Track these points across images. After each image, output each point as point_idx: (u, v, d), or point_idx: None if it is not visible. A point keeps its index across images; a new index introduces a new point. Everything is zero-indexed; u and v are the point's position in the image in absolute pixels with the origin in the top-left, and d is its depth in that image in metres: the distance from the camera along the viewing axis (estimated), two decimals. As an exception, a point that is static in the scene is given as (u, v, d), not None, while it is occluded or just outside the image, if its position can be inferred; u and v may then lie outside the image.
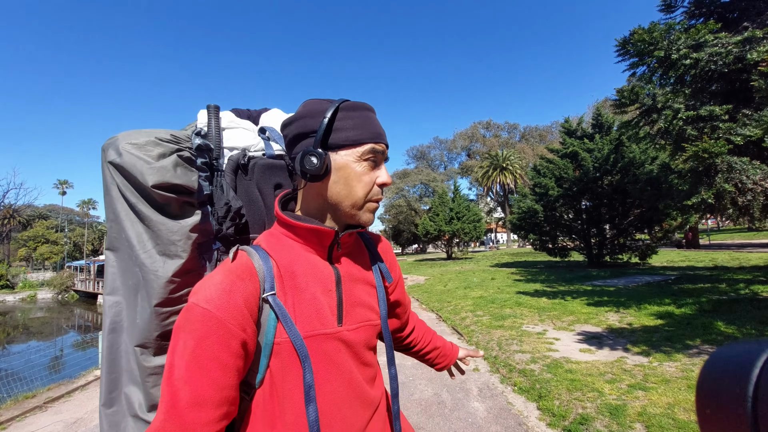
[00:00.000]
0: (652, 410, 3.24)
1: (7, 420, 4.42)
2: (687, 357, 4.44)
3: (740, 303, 6.69)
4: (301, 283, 0.73)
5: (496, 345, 5.66)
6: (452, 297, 10.47)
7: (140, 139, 0.77)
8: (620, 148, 14.55)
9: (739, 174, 6.24)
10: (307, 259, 0.76)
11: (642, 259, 15.04)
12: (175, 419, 0.60)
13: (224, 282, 0.66)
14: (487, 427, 3.41)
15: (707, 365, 0.33)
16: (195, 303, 0.64)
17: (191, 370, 0.61)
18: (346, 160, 0.74)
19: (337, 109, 0.74)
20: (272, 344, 0.69)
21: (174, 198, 0.78)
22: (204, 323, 0.62)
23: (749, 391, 0.27)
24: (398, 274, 0.98)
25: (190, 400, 0.60)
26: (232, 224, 0.83)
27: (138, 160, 0.75)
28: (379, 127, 0.77)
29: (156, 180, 0.74)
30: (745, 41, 6.31)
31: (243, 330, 0.65)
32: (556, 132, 50.25)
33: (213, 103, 0.92)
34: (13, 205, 47.86)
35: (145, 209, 0.77)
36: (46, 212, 63.74)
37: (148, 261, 0.76)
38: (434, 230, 28.32)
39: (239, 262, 0.71)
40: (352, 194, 0.75)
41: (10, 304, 32.95)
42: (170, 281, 0.76)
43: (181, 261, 0.77)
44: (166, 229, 0.77)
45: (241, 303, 0.65)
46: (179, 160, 0.79)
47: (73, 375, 6.36)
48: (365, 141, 0.74)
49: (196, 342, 0.61)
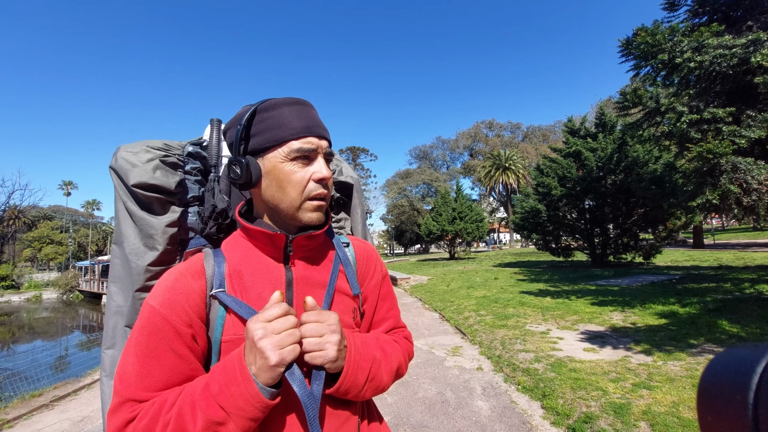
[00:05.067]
0: (657, 409, 3.23)
1: (14, 418, 4.47)
2: (691, 356, 4.43)
3: (745, 302, 6.65)
4: (247, 282, 0.73)
5: (500, 344, 5.66)
6: (455, 297, 10.46)
7: (135, 147, 0.93)
8: (624, 147, 14.49)
9: (744, 174, 6.22)
10: (258, 260, 0.75)
11: (646, 259, 14.96)
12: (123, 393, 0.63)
13: (168, 281, 0.70)
14: (491, 425, 3.41)
15: (707, 372, 0.33)
16: (146, 301, 0.69)
17: (141, 360, 0.64)
18: (273, 163, 0.72)
19: (254, 112, 0.73)
20: (220, 342, 0.69)
21: (155, 197, 0.91)
22: (151, 319, 0.66)
23: (750, 398, 0.27)
24: (372, 287, 0.88)
25: (137, 381, 0.64)
26: (215, 224, 0.88)
27: (126, 163, 0.90)
28: (302, 120, 0.73)
29: (136, 180, 0.88)
30: (749, 43, 6.28)
31: (188, 326, 0.67)
32: (558, 131, 50.14)
33: (216, 117, 1.04)
34: (18, 206, 48.21)
35: (132, 206, 0.91)
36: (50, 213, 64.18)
37: (132, 252, 0.91)
38: (437, 230, 28.30)
39: (189, 262, 0.75)
40: (286, 196, 0.72)
41: (16, 304, 33.21)
42: (146, 270, 0.90)
43: (157, 253, 0.91)
44: (146, 224, 0.90)
45: (182, 299, 0.68)
46: (160, 164, 0.93)
47: (79, 374, 6.41)
48: (287, 138, 0.71)
49: (146, 337, 0.65)
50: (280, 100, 0.74)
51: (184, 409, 0.59)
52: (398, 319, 0.95)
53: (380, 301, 0.91)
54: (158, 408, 0.61)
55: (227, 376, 0.61)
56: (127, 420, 0.61)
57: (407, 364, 0.89)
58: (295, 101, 0.75)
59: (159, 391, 0.64)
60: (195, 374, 0.68)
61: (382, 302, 0.91)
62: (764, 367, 0.28)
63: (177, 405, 0.60)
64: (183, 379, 0.66)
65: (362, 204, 1.24)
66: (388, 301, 0.93)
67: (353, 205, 1.20)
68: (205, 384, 0.62)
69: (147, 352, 0.64)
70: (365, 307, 0.88)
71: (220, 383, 0.61)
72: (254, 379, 0.60)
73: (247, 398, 0.59)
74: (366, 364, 0.73)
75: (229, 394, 0.59)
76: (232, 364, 0.62)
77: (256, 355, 0.60)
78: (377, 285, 0.90)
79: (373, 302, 0.89)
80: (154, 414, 0.60)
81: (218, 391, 0.60)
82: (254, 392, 0.59)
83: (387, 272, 0.96)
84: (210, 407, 0.59)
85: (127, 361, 0.65)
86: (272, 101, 0.74)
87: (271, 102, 0.74)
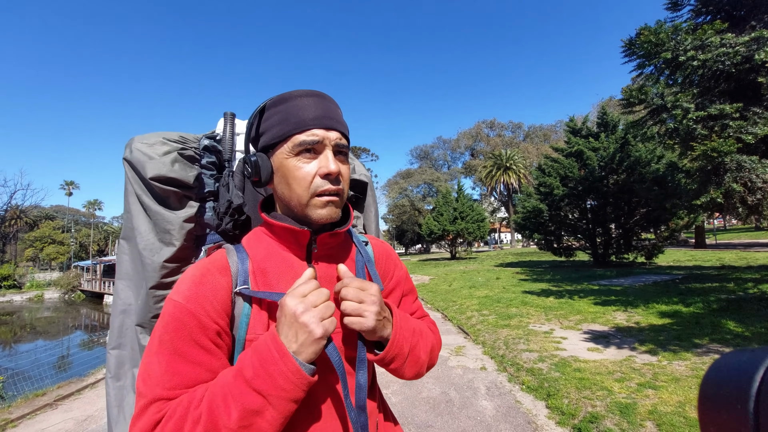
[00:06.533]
0: (663, 409, 3.22)
1: (18, 418, 4.47)
2: (696, 356, 4.41)
3: (749, 302, 6.63)
4: (272, 280, 0.71)
5: (503, 344, 5.65)
6: (457, 296, 10.45)
7: (151, 139, 0.90)
8: (626, 146, 14.46)
9: (749, 173, 6.20)
10: (282, 258, 0.73)
11: (648, 259, 14.93)
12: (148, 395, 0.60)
13: (195, 276, 0.68)
14: (496, 425, 3.40)
15: (706, 380, 0.33)
16: (170, 297, 0.66)
17: (167, 358, 0.61)
18: (281, 159, 0.70)
19: (263, 108, 0.72)
20: (244, 341, 0.67)
21: (173, 191, 0.89)
22: (175, 315, 0.63)
23: (751, 404, 0.28)
24: (395, 284, 0.88)
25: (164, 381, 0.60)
26: (231, 220, 0.87)
27: (143, 155, 0.87)
28: (308, 113, 0.69)
29: (154, 173, 0.86)
30: (753, 41, 6.26)
31: (215, 322, 0.65)
32: (560, 131, 50.13)
33: (229, 111, 1.00)
34: (20, 206, 48.38)
35: (147, 200, 0.88)
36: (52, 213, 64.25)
37: (146, 248, 0.88)
38: (438, 230, 28.30)
39: (213, 257, 0.72)
40: (293, 192, 0.70)
41: (18, 304, 33.24)
42: (162, 266, 0.88)
43: (174, 249, 0.88)
44: (162, 219, 0.88)
45: (210, 295, 0.65)
46: (179, 156, 0.91)
47: (82, 373, 6.41)
48: (290, 133, 0.69)
49: (171, 334, 0.62)
50: (291, 93, 0.72)
51: (215, 402, 0.56)
52: (423, 311, 0.95)
53: (405, 296, 0.90)
54: (187, 404, 0.57)
55: (262, 357, 0.58)
56: (154, 422, 0.58)
57: (439, 349, 0.87)
58: (307, 93, 0.72)
59: (187, 389, 0.61)
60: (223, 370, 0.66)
61: (407, 298, 0.91)
62: (764, 372, 0.28)
63: (206, 399, 0.57)
64: (211, 376, 0.63)
65: (375, 202, 1.23)
66: (411, 297, 0.93)
67: (367, 203, 1.18)
68: (236, 371, 0.58)
69: (173, 350, 0.61)
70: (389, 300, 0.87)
71: (254, 366, 0.58)
72: (294, 356, 0.58)
73: (288, 376, 0.57)
74: (408, 335, 0.74)
75: (266, 374, 0.56)
76: (266, 345, 0.59)
77: (298, 331, 0.58)
78: (399, 281, 0.89)
79: (397, 298, 0.88)
80: (183, 411, 0.57)
81: (253, 375, 0.57)
82: (295, 368, 0.57)
83: (407, 270, 0.95)
84: (245, 394, 0.56)
85: (151, 361, 0.61)
86: (283, 95, 0.72)
87: (282, 96, 0.72)
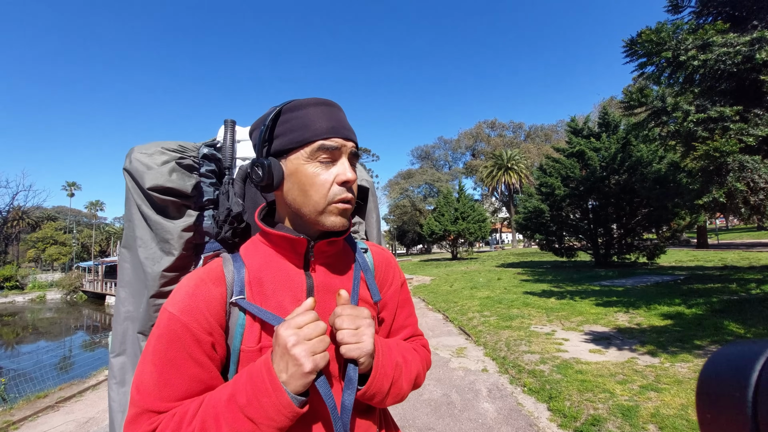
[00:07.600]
0: (666, 411, 3.21)
1: (20, 420, 4.47)
2: (698, 357, 4.39)
3: (751, 303, 6.60)
4: (267, 290, 0.70)
5: (505, 345, 5.63)
6: (459, 297, 10.44)
7: (150, 149, 0.90)
8: (627, 147, 14.42)
9: (751, 173, 6.17)
10: (279, 267, 0.73)
11: (650, 259, 14.90)
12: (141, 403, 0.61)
13: (189, 286, 0.67)
14: (498, 427, 3.39)
15: (706, 369, 0.33)
16: (164, 307, 0.66)
17: (160, 368, 0.62)
18: (296, 164, 0.69)
19: (279, 112, 0.71)
20: (239, 351, 0.67)
21: (171, 201, 0.89)
22: (170, 327, 0.64)
23: (749, 396, 0.28)
24: (391, 294, 0.87)
25: (156, 391, 0.62)
26: (231, 228, 0.87)
27: (142, 165, 0.88)
28: (327, 121, 0.70)
29: (152, 183, 0.86)
30: (754, 41, 6.24)
31: (209, 333, 0.65)
32: (561, 131, 50.04)
33: (230, 118, 1.01)
34: (22, 207, 48.53)
35: (147, 210, 0.89)
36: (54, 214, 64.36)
37: (146, 257, 0.89)
38: (439, 230, 28.30)
39: (209, 267, 0.72)
40: (309, 199, 0.69)
41: (20, 305, 33.34)
42: (162, 275, 0.88)
43: (173, 258, 0.89)
44: (161, 228, 0.88)
45: (203, 306, 0.65)
46: (176, 166, 0.91)
47: (83, 375, 6.42)
48: (311, 139, 0.68)
49: (165, 345, 0.63)
50: (306, 101, 0.72)
51: (208, 422, 0.58)
52: (416, 327, 0.93)
53: (399, 308, 0.89)
54: (179, 420, 0.59)
55: (255, 387, 0.59)
56: None
57: (425, 373, 0.85)
58: (322, 102, 0.72)
59: (178, 401, 0.62)
60: (214, 383, 0.66)
61: (401, 310, 0.89)
62: (763, 364, 0.28)
63: (199, 417, 0.58)
64: (203, 389, 0.64)
65: (377, 208, 1.22)
66: (406, 309, 0.91)
67: (368, 209, 1.17)
68: (230, 395, 0.60)
69: (166, 361, 0.62)
70: (384, 315, 0.86)
71: (248, 394, 0.59)
72: (284, 387, 0.58)
73: (279, 408, 0.58)
74: (390, 370, 0.71)
75: (258, 404, 0.58)
76: (260, 374, 0.60)
77: (288, 363, 0.58)
78: (396, 292, 0.88)
79: (392, 309, 0.87)
80: (175, 426, 0.58)
81: (246, 402, 0.58)
82: (286, 402, 0.58)
83: (405, 279, 0.93)
84: (237, 420, 0.57)
85: (144, 370, 0.63)
86: (298, 101, 0.72)
87: (297, 102, 0.72)
